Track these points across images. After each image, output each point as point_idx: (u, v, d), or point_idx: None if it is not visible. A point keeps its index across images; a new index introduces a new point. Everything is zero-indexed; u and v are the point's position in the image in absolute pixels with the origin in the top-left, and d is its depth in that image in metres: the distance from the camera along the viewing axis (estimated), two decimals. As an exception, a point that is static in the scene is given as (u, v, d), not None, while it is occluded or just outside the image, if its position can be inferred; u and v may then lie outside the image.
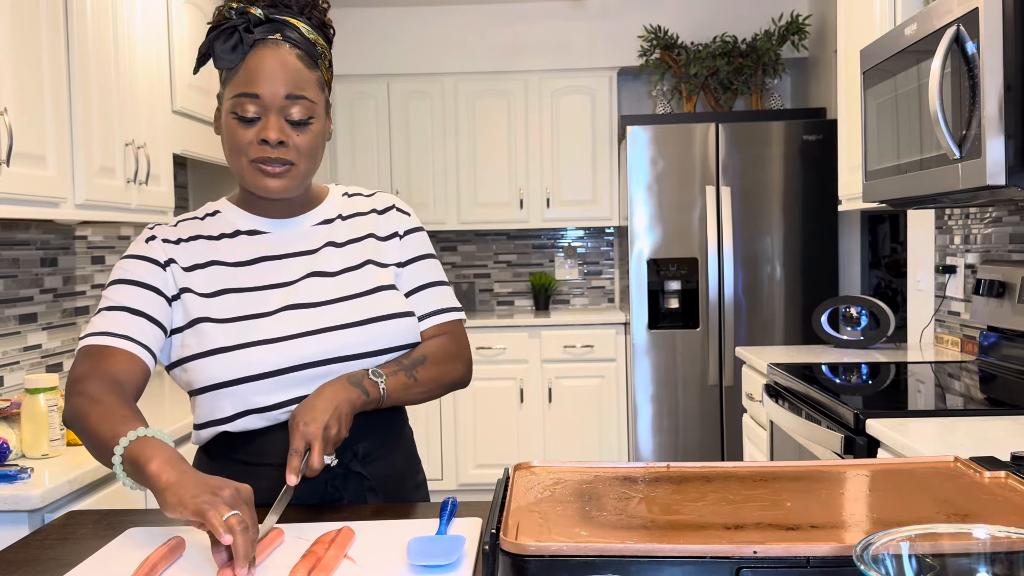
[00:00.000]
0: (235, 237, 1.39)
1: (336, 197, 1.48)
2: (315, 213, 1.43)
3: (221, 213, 1.42)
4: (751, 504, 1.00)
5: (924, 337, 3.18)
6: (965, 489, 1.04)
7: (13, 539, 1.52)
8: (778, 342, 4.30)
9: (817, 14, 4.72)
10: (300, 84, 1.30)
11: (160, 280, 1.34)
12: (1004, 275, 2.55)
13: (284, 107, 1.29)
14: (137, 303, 1.32)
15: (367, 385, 1.30)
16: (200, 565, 1.07)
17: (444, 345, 1.45)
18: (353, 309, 1.36)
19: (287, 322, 1.32)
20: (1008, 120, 1.89)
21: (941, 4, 2.08)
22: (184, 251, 1.37)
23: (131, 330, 1.29)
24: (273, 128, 1.29)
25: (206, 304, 1.33)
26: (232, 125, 1.31)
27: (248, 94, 1.28)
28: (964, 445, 1.69)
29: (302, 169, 1.34)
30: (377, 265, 1.42)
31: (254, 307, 1.33)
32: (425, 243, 1.50)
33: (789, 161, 4.27)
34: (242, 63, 1.29)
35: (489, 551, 0.90)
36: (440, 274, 1.50)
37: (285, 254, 1.39)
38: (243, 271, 1.36)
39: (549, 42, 4.97)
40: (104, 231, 3.15)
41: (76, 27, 2.33)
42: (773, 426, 2.74)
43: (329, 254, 1.40)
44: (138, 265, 1.35)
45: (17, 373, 2.60)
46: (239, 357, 1.29)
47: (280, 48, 1.30)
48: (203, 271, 1.36)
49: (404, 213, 1.50)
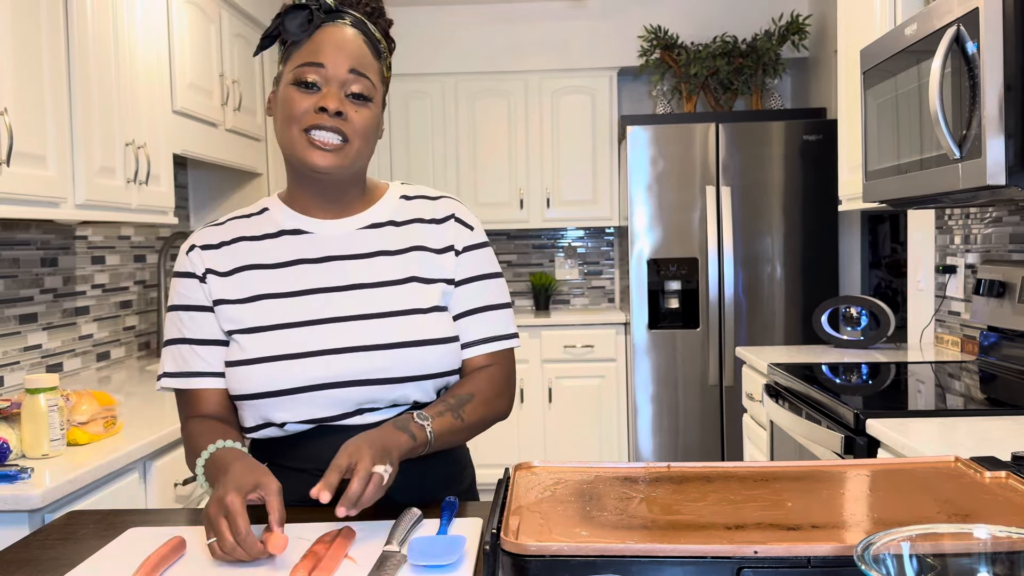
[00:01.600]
0: (278, 237, 1.36)
1: (393, 199, 1.40)
2: (364, 216, 1.37)
3: (269, 211, 1.39)
4: (752, 504, 1.00)
5: (924, 337, 3.18)
6: (966, 489, 1.04)
7: (13, 539, 1.52)
8: (778, 342, 4.30)
9: (817, 14, 4.72)
10: (364, 63, 1.29)
11: (202, 295, 1.34)
12: (1004, 275, 2.56)
13: (346, 81, 1.27)
14: (193, 331, 1.34)
15: (414, 429, 1.23)
16: (201, 565, 1.08)
17: (494, 379, 1.37)
18: (387, 329, 1.29)
19: (314, 336, 1.28)
20: (1008, 120, 1.89)
21: (941, 4, 2.08)
22: (223, 256, 1.35)
23: (194, 364, 1.33)
24: (333, 97, 1.26)
25: (238, 312, 1.32)
26: (290, 94, 1.27)
27: (312, 63, 1.26)
28: (964, 445, 1.69)
29: (354, 148, 1.29)
30: (422, 282, 1.34)
31: (284, 315, 1.30)
32: (485, 261, 1.40)
33: (789, 161, 4.28)
34: (308, 38, 1.28)
35: (490, 551, 0.89)
36: (499, 296, 1.40)
37: (324, 257, 1.34)
38: (279, 273, 1.33)
39: (549, 42, 4.97)
40: (104, 231, 3.15)
41: (76, 27, 2.33)
42: (773, 426, 2.75)
43: (373, 263, 1.34)
44: (183, 284, 1.36)
45: (17, 373, 2.60)
46: (260, 371, 1.27)
47: (349, 29, 1.29)
48: (240, 275, 1.34)
49: (466, 226, 1.40)
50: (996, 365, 2.59)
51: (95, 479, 1.77)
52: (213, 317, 1.34)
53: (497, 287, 1.41)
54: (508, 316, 1.41)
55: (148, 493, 2.03)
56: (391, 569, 1.03)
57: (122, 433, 2.02)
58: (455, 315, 1.37)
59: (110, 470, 1.82)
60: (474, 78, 4.93)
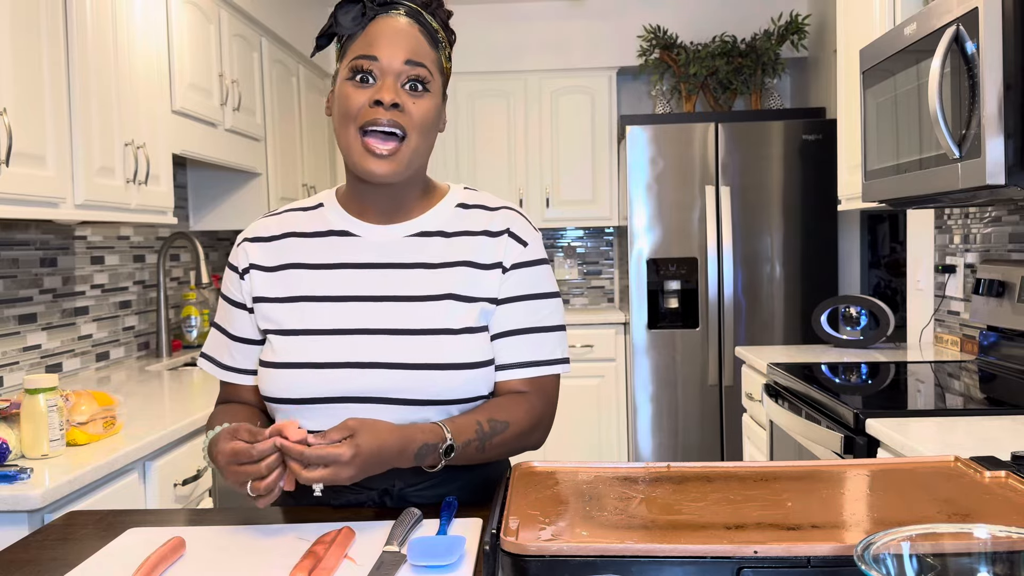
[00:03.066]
0: (326, 237, 1.34)
1: (449, 207, 1.36)
2: (414, 223, 1.33)
3: (323, 207, 1.37)
4: (752, 504, 1.01)
5: (924, 337, 3.19)
6: (965, 489, 1.05)
7: (13, 539, 1.52)
8: (778, 342, 4.31)
9: (816, 14, 4.73)
10: (419, 53, 1.25)
11: (240, 293, 1.36)
12: (1004, 275, 2.56)
13: (402, 72, 1.24)
14: (230, 325, 1.37)
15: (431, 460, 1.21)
16: (201, 564, 1.08)
17: (533, 410, 1.31)
18: (414, 347, 1.26)
19: (342, 347, 1.27)
20: (1008, 120, 1.89)
21: (941, 4, 2.08)
22: (271, 250, 1.35)
23: (226, 359, 1.38)
24: (388, 89, 1.23)
25: (275, 311, 1.31)
26: (346, 90, 1.25)
27: (366, 55, 1.24)
28: (964, 445, 1.69)
29: (412, 145, 1.25)
30: (460, 300, 1.28)
31: (317, 321, 1.29)
32: (536, 279, 1.33)
33: (789, 161, 4.28)
34: (362, 31, 1.26)
35: (490, 551, 0.90)
36: (548, 318, 1.33)
37: (365, 263, 1.31)
38: (321, 275, 1.31)
39: (549, 42, 4.97)
40: (104, 231, 3.15)
41: (76, 27, 2.33)
42: (773, 426, 2.75)
43: (411, 275, 1.30)
44: (228, 277, 1.38)
45: (17, 373, 2.61)
46: (285, 377, 1.27)
47: (404, 20, 1.27)
48: (284, 272, 1.33)
49: (519, 242, 1.33)
50: (996, 365, 2.59)
51: (94, 479, 1.77)
52: (248, 317, 1.35)
53: (547, 307, 1.33)
54: (556, 339, 1.33)
55: (148, 493, 2.03)
56: (391, 569, 1.03)
57: (121, 433, 2.02)
58: (494, 334, 1.31)
59: (109, 470, 1.82)
60: (474, 78, 4.94)
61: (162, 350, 3.45)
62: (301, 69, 4.46)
